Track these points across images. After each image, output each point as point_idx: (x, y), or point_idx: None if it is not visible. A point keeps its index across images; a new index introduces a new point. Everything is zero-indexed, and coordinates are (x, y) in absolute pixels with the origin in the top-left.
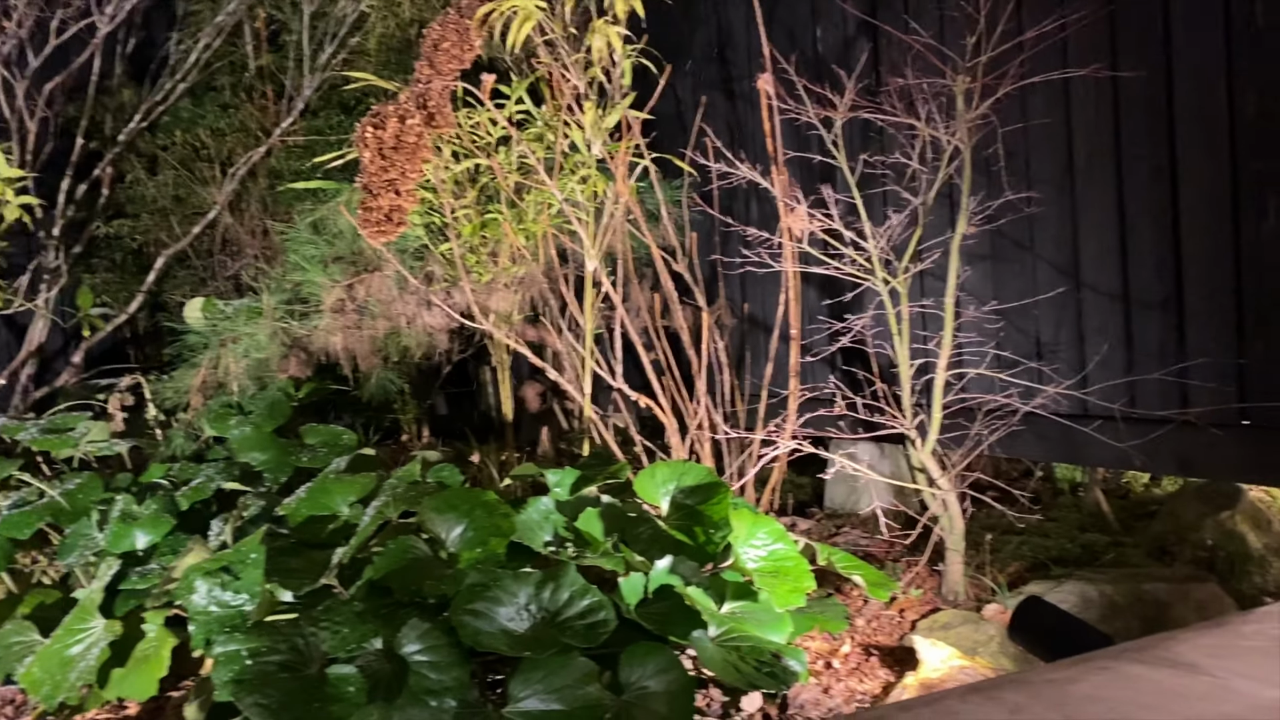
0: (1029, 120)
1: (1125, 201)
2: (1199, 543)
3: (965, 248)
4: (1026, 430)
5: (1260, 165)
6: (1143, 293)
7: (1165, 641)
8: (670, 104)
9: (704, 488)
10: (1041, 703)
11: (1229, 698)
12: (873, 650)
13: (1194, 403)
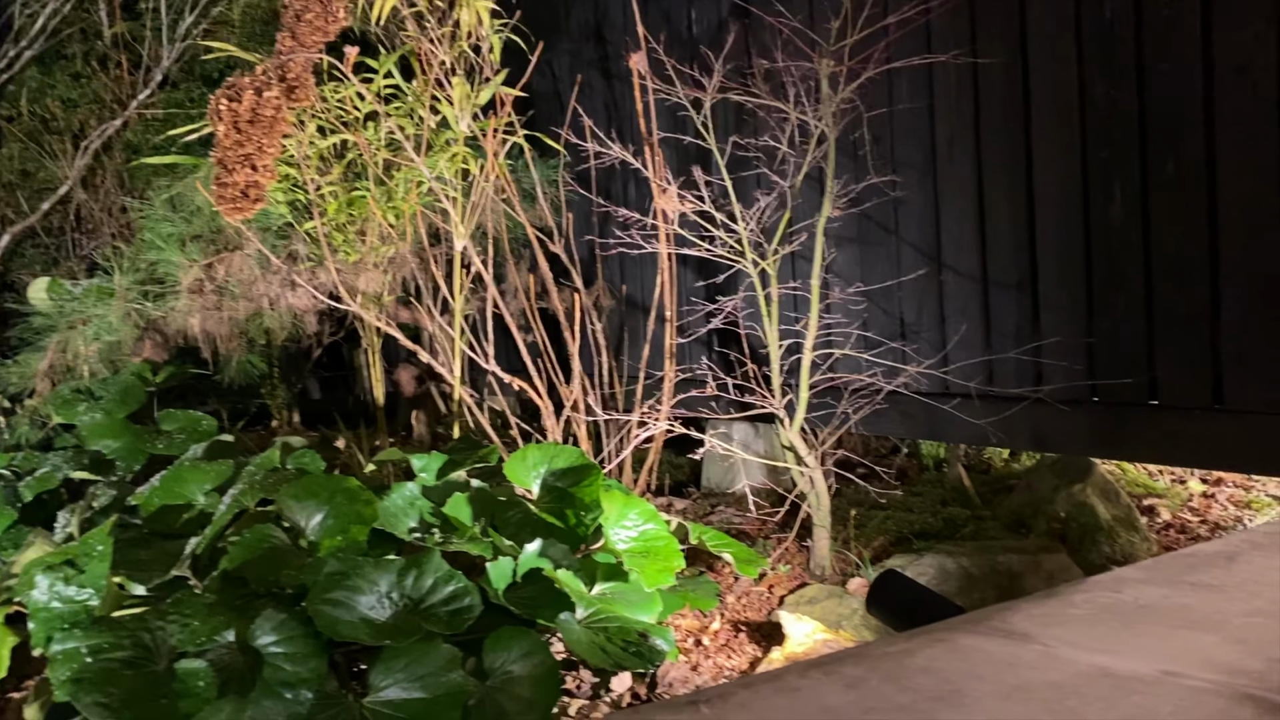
0: (894, 105)
1: (984, 186)
2: (1053, 515)
3: (834, 231)
4: (891, 409)
5: (1108, 152)
6: (1000, 275)
7: (1001, 612)
8: (548, 82)
9: (576, 470)
10: (878, 675)
11: (1056, 665)
12: (742, 626)
13: (1048, 380)
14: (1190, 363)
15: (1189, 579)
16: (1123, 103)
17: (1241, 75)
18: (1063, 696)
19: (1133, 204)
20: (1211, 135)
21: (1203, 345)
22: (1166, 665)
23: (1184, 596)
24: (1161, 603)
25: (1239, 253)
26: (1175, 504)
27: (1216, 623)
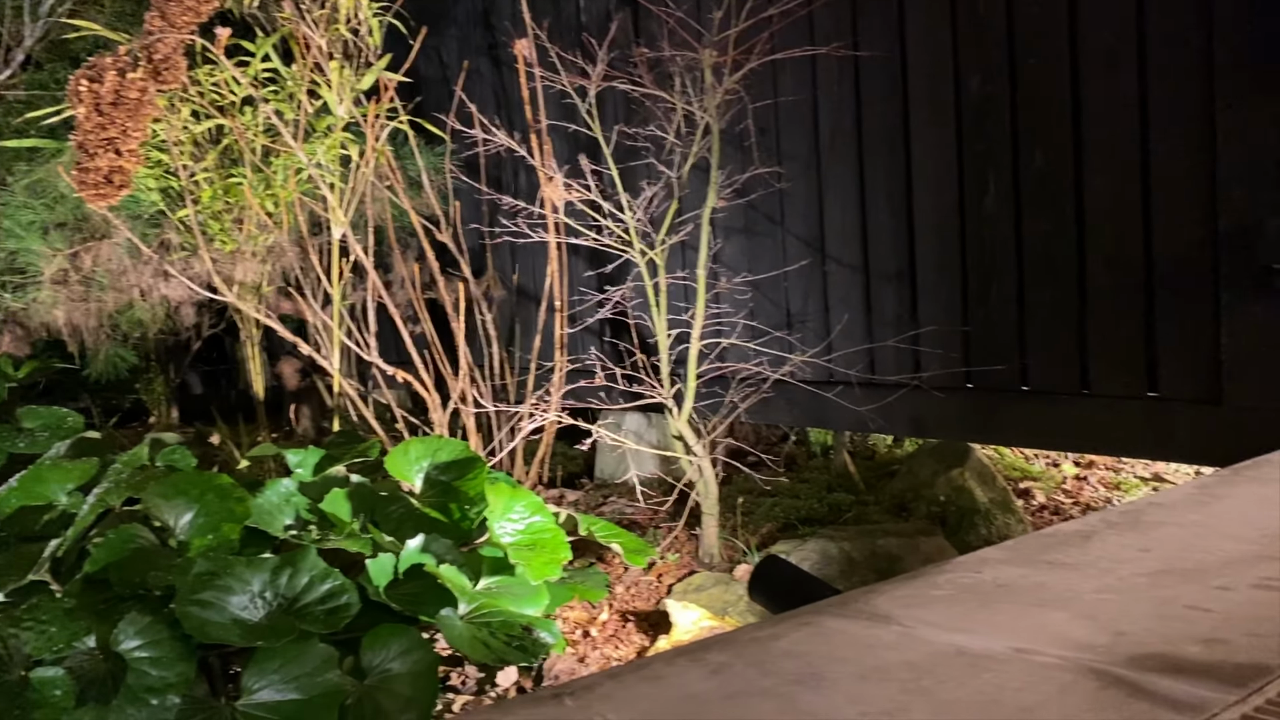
0: (780, 97)
1: (866, 178)
2: (932, 499)
3: (721, 221)
4: (778, 397)
5: (982, 146)
6: (881, 265)
7: (867, 595)
8: (437, 69)
9: (460, 463)
10: (743, 660)
11: (914, 646)
12: (630, 616)
13: (926, 368)
14: (1059, 350)
15: (1046, 558)
16: (996, 96)
17: (1107, 69)
18: (918, 676)
19: (1005, 196)
20: (1078, 129)
21: (1070, 333)
22: (1019, 643)
23: (1040, 575)
24: (1019, 582)
25: (1103, 244)
26: (1049, 486)
27: (1068, 600)
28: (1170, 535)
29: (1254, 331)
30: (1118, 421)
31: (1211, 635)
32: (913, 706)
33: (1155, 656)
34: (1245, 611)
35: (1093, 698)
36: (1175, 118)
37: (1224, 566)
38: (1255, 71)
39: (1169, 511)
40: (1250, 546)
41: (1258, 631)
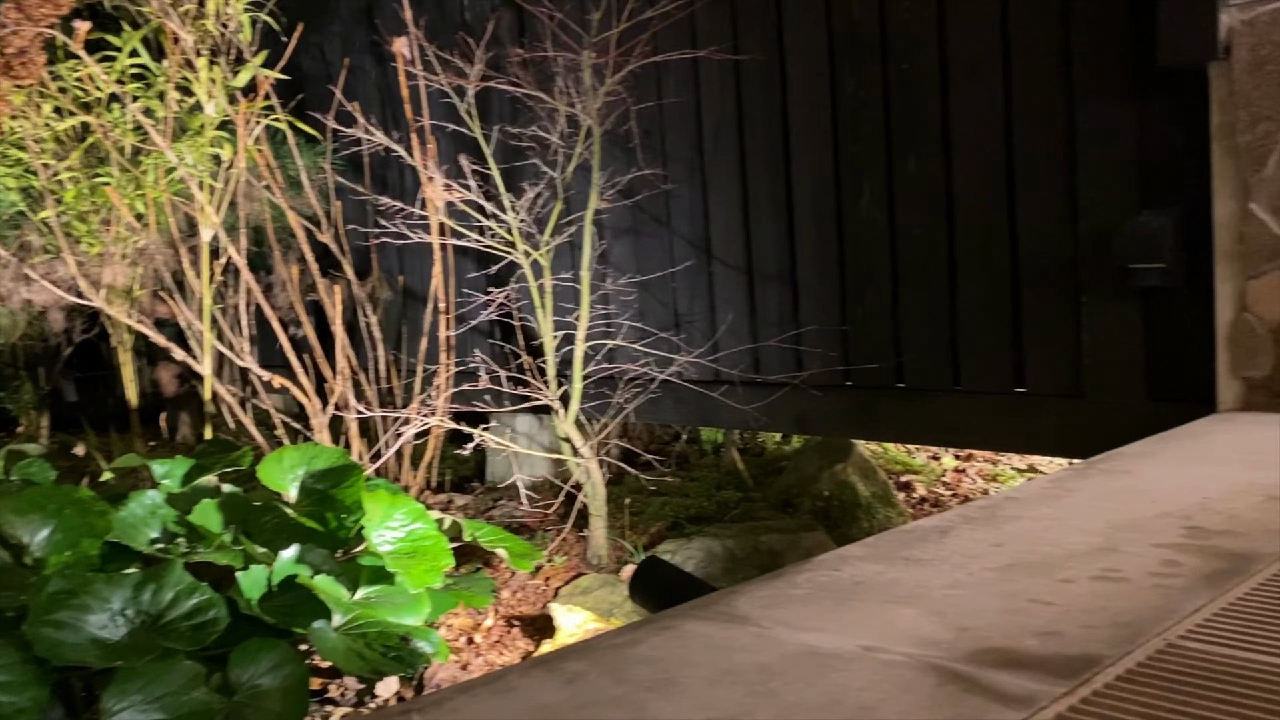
0: (664, 99)
1: (748, 180)
2: (817, 494)
3: (610, 223)
4: (666, 397)
5: (857, 149)
6: (764, 266)
7: (728, 596)
8: (320, 66)
9: (337, 471)
10: (599, 669)
11: (768, 647)
12: (515, 621)
13: (807, 366)
14: (932, 349)
15: (904, 554)
16: (870, 101)
17: (973, 76)
18: (767, 678)
19: (880, 199)
20: (948, 134)
21: (943, 332)
22: (868, 641)
23: (896, 572)
24: (875, 579)
25: (973, 246)
26: (930, 479)
27: (919, 596)
28: (1022, 529)
29: (1112, 329)
30: (987, 416)
31: (1049, 628)
32: (758, 710)
33: (994, 651)
34: (1083, 603)
35: (930, 695)
36: (1038, 123)
37: (1068, 559)
38: (1109, 79)
39: (1023, 506)
40: (1095, 539)
41: (1092, 623)
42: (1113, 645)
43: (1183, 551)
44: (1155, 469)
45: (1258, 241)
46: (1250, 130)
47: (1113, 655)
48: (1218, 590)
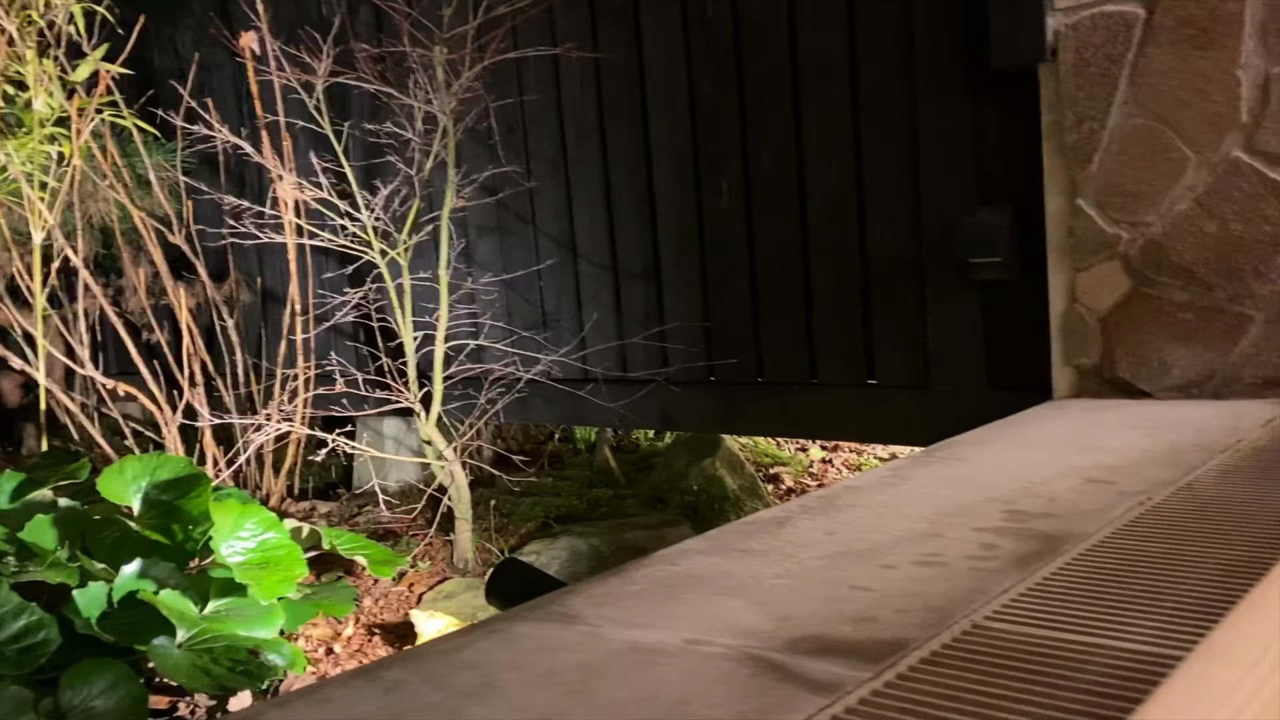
0: (525, 96)
1: (611, 177)
2: (687, 489)
3: (475, 221)
4: (535, 396)
5: (714, 147)
6: (629, 264)
7: (563, 596)
8: (172, 60)
9: (182, 481)
10: (420, 676)
11: (593, 645)
12: (376, 629)
13: (672, 363)
14: (790, 344)
15: (740, 546)
16: (725, 100)
17: (822, 76)
18: (587, 677)
19: (738, 197)
20: (800, 132)
21: (799, 328)
22: (692, 634)
23: (730, 564)
24: (708, 571)
25: (825, 242)
26: (797, 471)
27: (748, 587)
28: (857, 518)
29: (954, 322)
30: (842, 408)
31: (865, 614)
32: (573, 710)
33: (811, 639)
34: (901, 588)
35: (743, 685)
36: (884, 122)
37: (894, 545)
38: (949, 80)
39: (860, 494)
40: (922, 525)
41: (906, 607)
42: (923, 629)
43: (1001, 535)
44: (987, 455)
45: (1085, 236)
46: (1076, 129)
47: (920, 639)
48: (1027, 571)
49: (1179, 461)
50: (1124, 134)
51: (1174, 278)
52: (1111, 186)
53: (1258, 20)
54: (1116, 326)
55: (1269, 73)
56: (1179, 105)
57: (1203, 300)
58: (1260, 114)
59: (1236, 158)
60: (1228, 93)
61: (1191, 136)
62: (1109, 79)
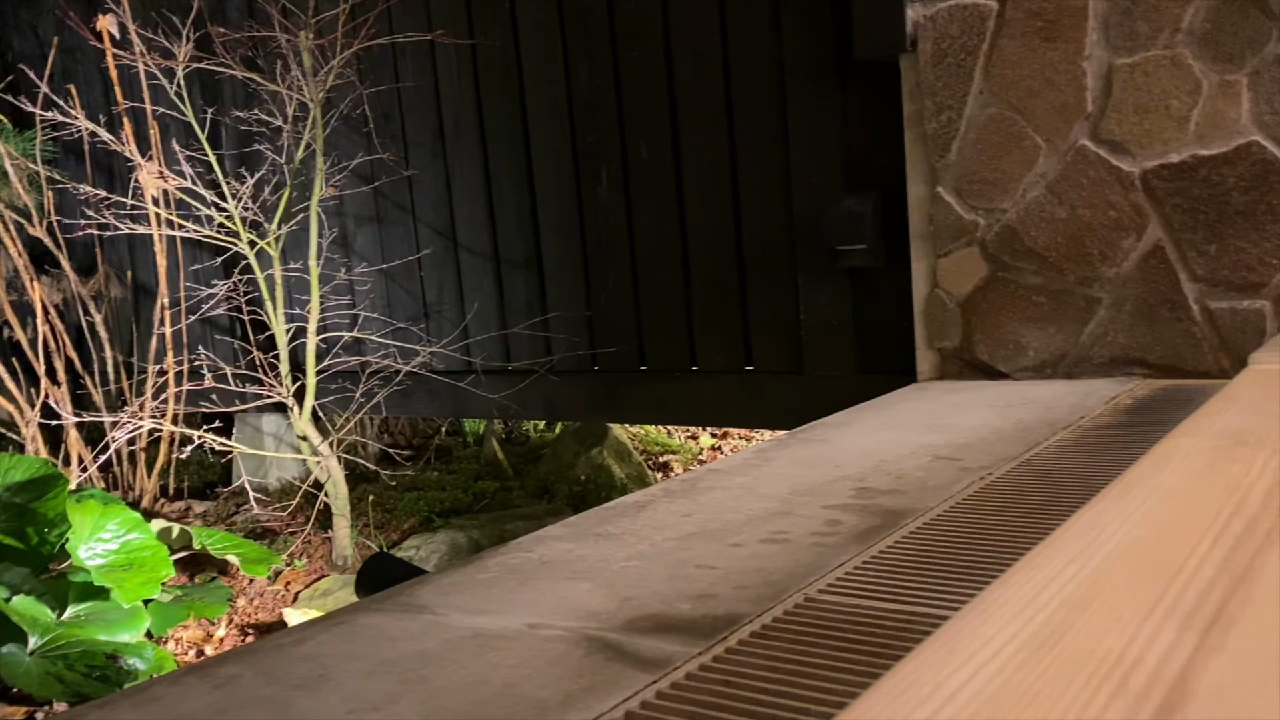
0: (401, 83)
1: (490, 166)
2: (574, 479)
3: (354, 210)
4: (418, 389)
5: (593, 137)
6: (510, 253)
7: (414, 586)
8: (33, 45)
9: (37, 482)
10: (254, 671)
11: (435, 633)
12: (250, 630)
13: (555, 353)
14: (670, 332)
15: (598, 530)
16: (603, 89)
17: (697, 66)
18: (423, 665)
19: (617, 186)
20: (676, 122)
21: (679, 316)
22: (534, 619)
23: (585, 548)
24: (562, 556)
25: (702, 231)
26: (687, 458)
27: (598, 570)
28: (715, 499)
29: (825, 308)
30: (721, 394)
31: (706, 591)
32: (403, 697)
33: (650, 617)
34: (744, 565)
35: (575, 666)
36: (755, 111)
37: (745, 524)
38: (817, 70)
39: (722, 477)
40: (775, 504)
41: (746, 584)
42: (758, 603)
43: (847, 511)
44: (847, 436)
45: (945, 223)
46: (935, 118)
47: (754, 613)
48: (865, 545)
49: (1024, 438)
50: (980, 123)
51: (1028, 262)
52: (969, 174)
53: (1100, 13)
54: (975, 310)
55: (1112, 64)
56: (1030, 95)
57: (1055, 284)
58: (1104, 104)
59: (1083, 146)
60: (1074, 83)
61: (1042, 125)
62: (965, 69)
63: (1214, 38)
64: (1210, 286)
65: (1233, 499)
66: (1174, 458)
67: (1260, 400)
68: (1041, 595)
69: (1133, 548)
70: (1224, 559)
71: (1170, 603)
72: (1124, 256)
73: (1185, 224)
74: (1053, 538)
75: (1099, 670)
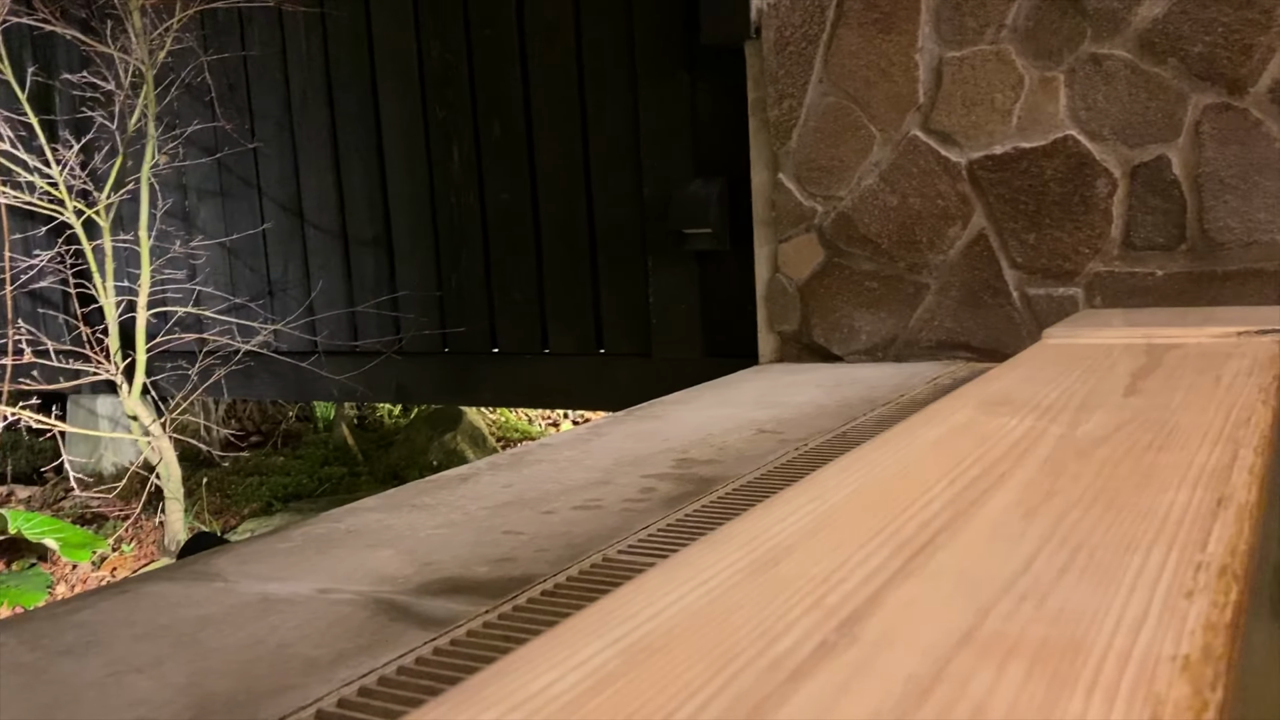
0: (248, 51)
1: (339, 141)
2: (426, 464)
3: (196, 183)
4: (262, 370)
5: (445, 113)
6: (359, 230)
7: (210, 556)
8: None
9: None
10: (20, 639)
11: (222, 599)
12: None
13: (405, 334)
14: (523, 314)
15: (415, 502)
16: (456, 65)
17: (550, 46)
18: (200, 629)
19: (469, 164)
20: (529, 100)
21: (532, 298)
22: (327, 584)
23: (397, 518)
24: (371, 526)
25: (555, 212)
26: None
27: (404, 538)
28: (540, 472)
29: (673, 291)
30: (573, 377)
31: (507, 555)
32: (171, 659)
33: (445, 581)
34: (551, 530)
35: (358, 626)
36: (606, 93)
37: (563, 494)
38: (667, 54)
39: (552, 450)
40: (597, 474)
41: (548, 547)
42: (555, 565)
43: (664, 480)
44: (683, 413)
45: (786, 208)
46: (777, 106)
47: (549, 574)
48: (671, 510)
49: (845, 414)
50: (819, 111)
51: (861, 249)
52: (808, 161)
53: (932, 7)
54: (813, 295)
55: (943, 57)
56: (867, 85)
57: (886, 270)
58: (935, 95)
59: (915, 136)
60: (908, 74)
61: (877, 115)
62: (806, 58)
63: (1035, 35)
64: (1029, 274)
65: (980, 449)
66: (942, 414)
67: (1038, 369)
68: (776, 526)
69: (876, 486)
70: (954, 497)
71: (890, 533)
72: (950, 244)
73: (1007, 214)
74: (807, 479)
75: (802, 588)
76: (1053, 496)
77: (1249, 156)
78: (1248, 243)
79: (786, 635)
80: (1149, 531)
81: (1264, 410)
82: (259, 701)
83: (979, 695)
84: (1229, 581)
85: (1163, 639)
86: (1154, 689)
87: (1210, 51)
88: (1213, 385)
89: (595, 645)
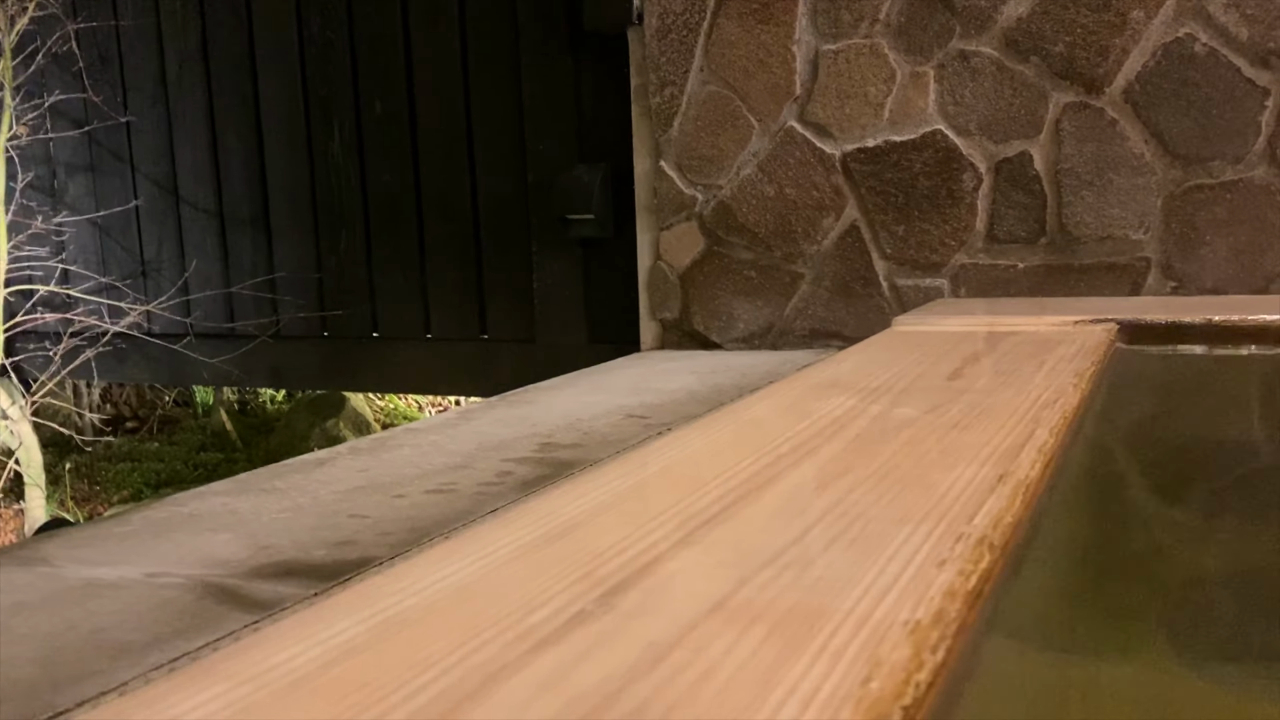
0: (120, 21)
1: (216, 117)
2: (307, 450)
3: (65, 158)
4: (134, 352)
5: (325, 91)
6: (236, 209)
7: (39, 541)
8: None
9: None
10: None
11: (43, 584)
12: None
13: (283, 317)
14: (404, 298)
15: (265, 485)
16: (337, 41)
17: (433, 25)
18: (12, 616)
19: (350, 143)
20: (412, 79)
21: (414, 282)
22: (157, 569)
23: (243, 502)
24: (214, 510)
25: (437, 195)
26: None
27: (246, 522)
28: (401, 456)
29: (557, 277)
30: (455, 363)
31: (348, 539)
32: None
33: (279, 564)
34: (399, 514)
35: (180, 610)
36: (491, 74)
37: (418, 478)
38: (551, 39)
39: (417, 434)
40: (458, 459)
41: (390, 530)
42: (396, 548)
43: (523, 464)
44: (555, 399)
45: (667, 196)
46: (660, 93)
47: (386, 556)
48: (525, 493)
49: (714, 399)
50: (700, 100)
51: (740, 238)
52: (689, 150)
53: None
54: (694, 283)
55: (819, 49)
56: (746, 75)
57: (764, 259)
58: (811, 87)
59: (792, 127)
60: (785, 66)
61: (756, 105)
62: (687, 46)
63: (907, 30)
64: (898, 265)
65: (798, 426)
66: (772, 394)
67: (879, 354)
68: (575, 503)
69: (684, 463)
70: (756, 473)
71: (683, 508)
72: (824, 235)
73: (878, 206)
74: (620, 456)
75: (578, 561)
76: (848, 473)
77: (1104, 154)
78: (1102, 237)
79: (545, 606)
80: (926, 505)
81: (1073, 393)
82: (60, 688)
83: (711, 660)
84: (982, 551)
85: (902, 605)
86: (878, 651)
87: (1070, 51)
88: (1034, 370)
89: (348, 620)
